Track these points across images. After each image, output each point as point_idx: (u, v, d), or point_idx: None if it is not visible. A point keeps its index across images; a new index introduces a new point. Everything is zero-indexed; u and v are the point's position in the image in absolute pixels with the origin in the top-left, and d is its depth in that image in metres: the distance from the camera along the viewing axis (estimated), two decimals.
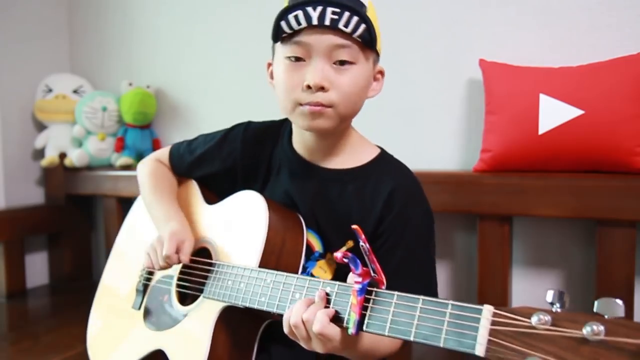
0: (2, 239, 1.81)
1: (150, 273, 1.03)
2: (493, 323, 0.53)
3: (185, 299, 0.93)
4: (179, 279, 0.96)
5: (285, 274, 0.77)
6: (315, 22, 0.76)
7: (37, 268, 2.03)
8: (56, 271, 2.05)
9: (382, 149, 0.94)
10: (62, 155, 1.97)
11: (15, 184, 1.96)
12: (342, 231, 0.87)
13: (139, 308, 1.00)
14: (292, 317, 0.69)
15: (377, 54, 0.87)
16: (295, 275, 0.75)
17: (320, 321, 0.66)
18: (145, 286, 1.02)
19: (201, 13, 1.86)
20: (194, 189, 1.06)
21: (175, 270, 0.97)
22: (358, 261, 0.67)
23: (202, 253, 0.94)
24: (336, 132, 0.88)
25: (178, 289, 0.96)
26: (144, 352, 0.92)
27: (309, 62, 0.79)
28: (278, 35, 0.80)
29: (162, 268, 0.91)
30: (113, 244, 1.22)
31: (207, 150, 1.02)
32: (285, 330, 0.71)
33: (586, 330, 0.46)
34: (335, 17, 0.76)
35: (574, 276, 1.32)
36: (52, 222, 2.00)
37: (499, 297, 1.28)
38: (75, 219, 2.06)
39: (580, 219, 1.28)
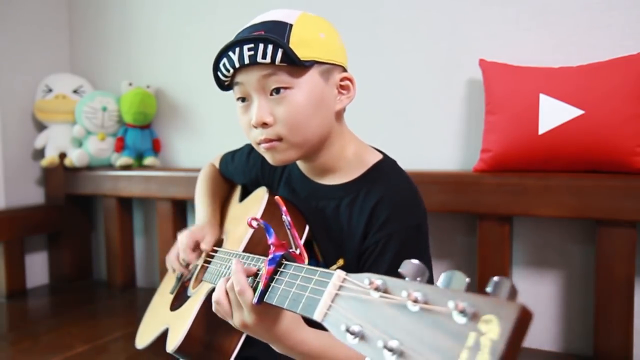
0: (2, 239, 1.81)
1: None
2: (340, 288, 0.50)
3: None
4: (203, 267, 1.03)
5: (244, 254, 0.78)
6: (237, 64, 0.79)
7: (37, 268, 2.03)
8: (56, 271, 2.05)
9: (384, 155, 0.90)
10: (62, 155, 1.97)
11: (15, 184, 1.96)
12: (337, 248, 0.86)
13: (172, 292, 1.07)
14: (215, 292, 0.70)
15: (335, 65, 0.82)
16: (247, 254, 0.76)
17: (238, 282, 0.66)
18: (182, 274, 1.11)
19: (201, 13, 1.86)
20: (237, 189, 1.16)
21: (201, 259, 1.03)
22: (272, 230, 0.67)
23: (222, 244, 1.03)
24: (318, 152, 0.86)
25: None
26: (158, 330, 0.98)
27: (252, 100, 0.82)
28: (221, 84, 0.86)
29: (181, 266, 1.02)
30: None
31: (238, 163, 1.10)
32: (213, 307, 0.73)
33: (404, 295, 0.42)
34: (251, 52, 0.77)
35: (574, 276, 1.32)
36: (52, 222, 2.00)
37: None
38: (75, 219, 2.06)
39: (580, 219, 1.28)
